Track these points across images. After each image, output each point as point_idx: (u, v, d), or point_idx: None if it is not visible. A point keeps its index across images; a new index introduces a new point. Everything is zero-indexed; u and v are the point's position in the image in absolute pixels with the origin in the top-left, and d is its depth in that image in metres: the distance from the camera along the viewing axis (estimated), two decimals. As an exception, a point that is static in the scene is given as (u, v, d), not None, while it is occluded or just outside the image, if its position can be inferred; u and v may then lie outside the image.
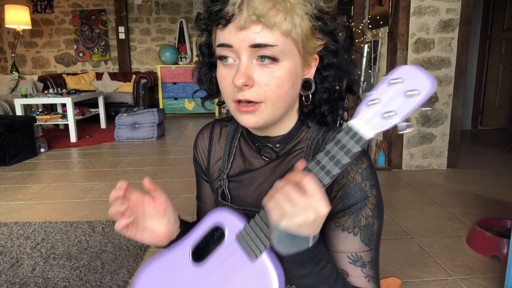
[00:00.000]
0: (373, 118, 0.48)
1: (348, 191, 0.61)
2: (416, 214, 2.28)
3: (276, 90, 0.59)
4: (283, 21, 0.56)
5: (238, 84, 0.57)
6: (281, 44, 0.57)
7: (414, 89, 0.46)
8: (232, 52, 0.59)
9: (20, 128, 3.61)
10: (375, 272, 0.63)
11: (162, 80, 6.37)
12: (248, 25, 0.55)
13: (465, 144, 4.15)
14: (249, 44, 0.56)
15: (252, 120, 0.61)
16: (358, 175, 0.61)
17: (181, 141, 4.51)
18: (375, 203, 0.63)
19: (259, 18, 0.54)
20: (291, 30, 0.57)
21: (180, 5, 6.76)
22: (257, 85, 0.58)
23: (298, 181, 0.48)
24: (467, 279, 1.61)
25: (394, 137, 3.16)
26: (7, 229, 2.09)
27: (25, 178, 3.09)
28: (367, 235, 0.62)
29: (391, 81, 0.47)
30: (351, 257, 0.62)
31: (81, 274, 1.64)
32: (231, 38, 0.57)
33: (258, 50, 0.57)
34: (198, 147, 0.84)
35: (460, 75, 3.10)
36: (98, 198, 2.58)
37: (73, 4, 6.64)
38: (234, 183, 0.75)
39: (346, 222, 0.62)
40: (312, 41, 0.61)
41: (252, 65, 0.58)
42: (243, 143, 0.75)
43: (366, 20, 3.70)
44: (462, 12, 3.01)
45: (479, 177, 2.99)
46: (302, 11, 0.58)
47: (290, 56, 0.58)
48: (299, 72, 0.62)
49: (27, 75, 6.57)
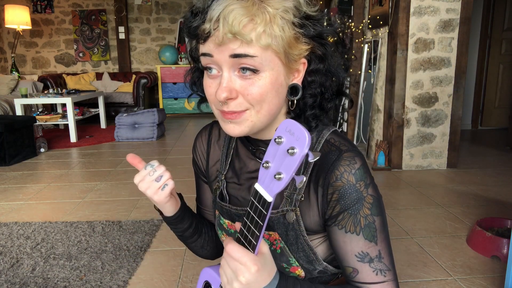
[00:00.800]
0: (269, 180, 0.50)
1: (343, 193, 0.62)
2: (416, 214, 2.28)
3: (259, 99, 0.59)
4: (262, 34, 0.55)
5: (220, 99, 0.58)
6: (260, 55, 0.56)
7: (293, 146, 0.46)
8: (214, 63, 0.59)
9: (20, 128, 3.61)
10: (385, 264, 0.64)
11: (162, 80, 6.37)
12: (225, 42, 0.56)
13: (465, 144, 4.15)
14: (228, 54, 0.56)
15: (236, 130, 0.61)
16: (352, 176, 0.62)
17: (181, 141, 4.51)
18: (372, 201, 0.63)
19: (235, 35, 0.54)
20: (270, 42, 0.56)
21: (180, 5, 6.76)
22: (241, 96, 0.59)
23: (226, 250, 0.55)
24: (467, 279, 1.61)
25: (394, 137, 3.16)
26: (7, 229, 2.09)
27: (25, 178, 3.09)
28: (370, 233, 0.63)
29: (275, 140, 0.48)
30: (358, 255, 0.63)
31: (81, 274, 1.64)
32: (211, 50, 0.58)
33: (238, 61, 0.57)
34: (197, 149, 0.84)
35: (460, 75, 3.10)
36: (98, 198, 2.59)
37: (73, 4, 6.64)
38: (232, 184, 0.76)
39: (347, 223, 0.63)
40: (297, 48, 0.60)
41: (234, 77, 0.58)
42: (240, 145, 0.76)
43: (366, 20, 3.70)
44: (462, 12, 3.01)
45: (479, 177, 2.99)
46: (282, 21, 0.56)
47: (271, 66, 0.58)
48: (283, 80, 0.61)
49: (27, 75, 6.57)
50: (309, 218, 0.66)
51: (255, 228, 0.53)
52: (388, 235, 0.66)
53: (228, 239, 0.56)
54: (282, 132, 0.48)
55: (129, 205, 2.45)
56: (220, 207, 0.76)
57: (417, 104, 3.13)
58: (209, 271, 0.75)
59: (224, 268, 0.56)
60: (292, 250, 0.68)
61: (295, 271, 0.69)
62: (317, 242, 0.69)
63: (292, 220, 0.65)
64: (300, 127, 0.46)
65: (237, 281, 0.54)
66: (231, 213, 0.73)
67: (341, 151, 0.63)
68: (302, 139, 0.46)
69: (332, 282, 0.75)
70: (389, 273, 0.64)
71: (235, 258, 0.54)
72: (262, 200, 0.51)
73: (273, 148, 0.49)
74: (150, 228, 2.07)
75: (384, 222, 0.65)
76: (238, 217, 0.72)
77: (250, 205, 0.53)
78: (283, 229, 0.67)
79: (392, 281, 0.65)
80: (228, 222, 0.75)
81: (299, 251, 0.67)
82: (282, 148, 0.48)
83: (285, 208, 0.66)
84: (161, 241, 1.95)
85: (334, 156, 0.63)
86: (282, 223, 0.66)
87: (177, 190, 0.78)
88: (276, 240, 0.68)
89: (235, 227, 0.74)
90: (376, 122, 3.53)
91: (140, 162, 0.71)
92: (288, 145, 0.47)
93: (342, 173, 0.62)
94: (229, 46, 0.56)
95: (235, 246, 0.54)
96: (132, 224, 2.12)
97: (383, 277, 0.64)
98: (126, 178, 3.04)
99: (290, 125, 0.47)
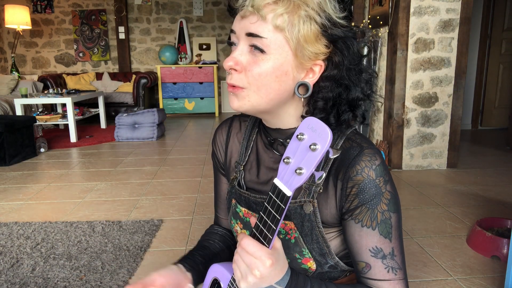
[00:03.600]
0: (289, 175, 0.51)
1: (363, 188, 0.63)
2: (416, 214, 2.28)
3: (257, 78, 0.62)
4: (279, 16, 0.58)
5: (225, 66, 0.63)
6: (271, 38, 0.60)
7: (315, 142, 0.48)
8: (235, 38, 0.64)
9: (20, 128, 3.61)
10: (397, 262, 0.65)
11: (162, 80, 6.37)
12: (247, 15, 0.61)
13: (465, 144, 4.15)
14: (245, 32, 0.62)
15: (235, 103, 0.65)
16: (373, 172, 0.63)
17: (181, 141, 4.51)
18: (390, 198, 0.64)
19: (256, 9, 0.59)
20: (285, 27, 0.59)
21: (180, 5, 6.76)
22: (244, 72, 0.63)
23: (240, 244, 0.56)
24: (467, 279, 1.61)
25: (394, 137, 3.16)
26: (7, 229, 2.09)
27: (25, 178, 3.09)
28: (386, 228, 0.64)
29: (297, 136, 0.50)
30: (372, 250, 0.64)
31: (81, 274, 1.64)
32: (236, 25, 0.64)
33: (251, 39, 0.61)
34: (216, 141, 0.87)
35: (460, 75, 3.10)
36: (98, 198, 2.59)
37: (73, 4, 6.64)
38: (250, 175, 0.77)
39: (364, 218, 0.64)
40: (314, 46, 0.61)
41: (245, 52, 0.63)
42: (259, 138, 0.78)
43: (366, 20, 3.70)
44: (462, 12, 3.01)
45: (479, 177, 2.99)
46: (305, 13, 0.59)
47: (279, 51, 0.61)
48: (289, 71, 0.62)
49: (27, 75, 6.57)
50: (326, 210, 0.67)
51: (272, 222, 0.54)
52: (402, 235, 0.67)
53: (242, 234, 0.57)
54: (304, 129, 0.49)
55: (129, 205, 2.45)
56: (239, 195, 0.77)
57: (417, 104, 3.13)
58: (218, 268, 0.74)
59: (238, 262, 0.57)
60: (306, 241, 0.68)
61: (307, 262, 0.70)
62: (331, 236, 0.70)
63: (309, 211, 0.66)
64: (322, 124, 0.48)
65: (251, 275, 0.55)
66: (249, 200, 0.75)
67: (362, 147, 0.65)
68: (324, 136, 0.47)
69: (340, 279, 0.76)
70: (400, 272, 0.65)
71: (250, 252, 0.54)
72: (281, 194, 0.52)
73: (294, 144, 0.50)
74: (150, 228, 2.07)
75: (400, 220, 0.66)
76: (256, 205, 0.74)
77: (268, 200, 0.54)
78: (299, 219, 0.68)
79: (402, 280, 0.65)
80: (245, 210, 0.76)
81: (313, 242, 0.68)
82: (304, 144, 0.49)
83: (303, 199, 0.67)
84: (161, 241, 1.95)
85: (356, 152, 0.64)
86: (299, 214, 0.68)
87: (177, 190, 0.80)
88: (292, 230, 0.69)
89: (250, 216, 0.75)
90: (376, 122, 3.53)
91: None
92: (310, 141, 0.49)
93: (363, 168, 0.63)
94: (248, 20, 0.61)
95: (250, 240, 0.55)
96: (132, 224, 2.12)
97: (393, 275, 0.64)
98: (126, 178, 3.04)
99: (313, 123, 0.49)
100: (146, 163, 3.51)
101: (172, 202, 2.46)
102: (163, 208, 2.38)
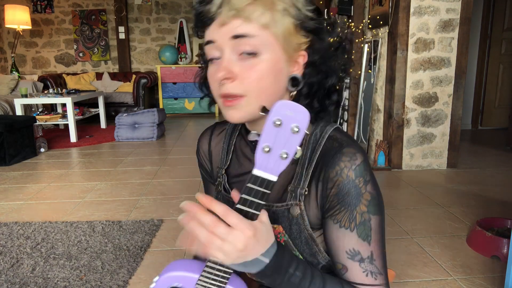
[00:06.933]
0: (272, 162, 0.50)
1: (342, 188, 0.62)
2: (416, 214, 2.28)
3: (257, 83, 0.60)
4: (261, 15, 0.58)
5: (218, 77, 0.60)
6: (260, 35, 0.59)
7: (296, 124, 0.48)
8: (216, 49, 0.61)
9: (20, 128, 3.61)
10: (376, 267, 0.63)
11: (162, 80, 6.37)
12: (228, 21, 0.58)
13: (465, 144, 4.15)
14: (229, 36, 0.59)
15: (236, 115, 0.62)
16: (352, 172, 0.62)
17: (181, 141, 4.51)
18: (370, 199, 0.63)
19: (238, 12, 0.57)
20: (269, 23, 0.58)
21: (180, 5, 6.76)
22: (239, 79, 0.60)
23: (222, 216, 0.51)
24: (467, 279, 1.61)
25: (394, 137, 3.16)
26: (7, 229, 2.09)
27: (25, 178, 3.09)
28: (364, 231, 0.63)
29: (274, 123, 0.49)
30: (349, 252, 0.63)
31: (81, 274, 1.64)
32: (214, 34, 0.60)
33: (238, 42, 0.59)
34: (200, 151, 0.86)
35: (460, 75, 3.10)
36: (98, 198, 2.59)
37: (73, 4, 6.64)
38: (234, 178, 0.77)
39: (342, 218, 0.63)
40: (296, 37, 0.62)
41: (234, 60, 0.60)
42: (241, 141, 0.77)
43: (366, 20, 3.70)
44: (462, 12, 3.01)
45: (479, 177, 2.99)
46: (281, 7, 0.59)
47: (271, 49, 0.60)
48: (283, 67, 0.62)
49: (27, 75, 6.57)
50: (310, 212, 0.67)
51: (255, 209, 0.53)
52: (384, 238, 0.65)
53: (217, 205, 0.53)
54: (278, 114, 0.48)
55: (129, 205, 2.45)
56: (227, 200, 0.76)
57: (417, 104, 3.13)
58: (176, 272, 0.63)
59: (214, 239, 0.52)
60: (295, 243, 0.68)
61: None
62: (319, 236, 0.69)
63: (297, 214, 0.66)
64: (296, 105, 0.48)
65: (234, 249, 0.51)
66: None
67: (342, 146, 0.64)
68: (302, 116, 0.48)
69: None
70: (380, 277, 0.63)
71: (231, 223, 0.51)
72: (265, 182, 0.51)
73: (271, 130, 0.49)
74: (150, 228, 2.07)
75: (381, 223, 0.64)
76: None
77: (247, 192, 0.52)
78: (287, 223, 0.67)
79: (383, 285, 0.64)
80: None
81: (302, 244, 0.68)
82: (283, 128, 0.49)
83: (290, 202, 0.66)
84: (161, 241, 1.95)
85: (336, 152, 0.64)
86: (287, 217, 0.67)
87: (177, 190, 0.80)
88: (280, 234, 0.69)
89: None
90: (376, 122, 3.53)
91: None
92: (289, 124, 0.48)
93: (342, 168, 0.62)
94: (230, 25, 0.58)
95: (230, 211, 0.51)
96: (132, 224, 2.12)
97: (373, 280, 0.63)
98: (126, 178, 3.04)
99: (287, 106, 0.48)
100: (146, 163, 3.51)
101: (172, 202, 2.46)
102: (163, 208, 2.38)
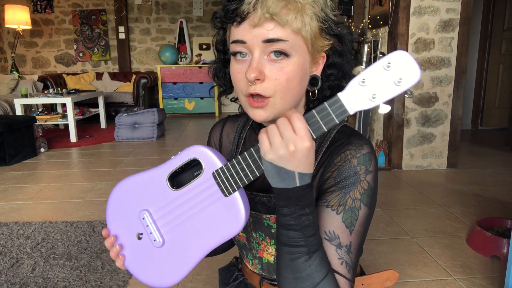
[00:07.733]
0: (360, 96, 0.50)
1: (342, 171, 0.63)
2: (416, 214, 2.28)
3: (285, 85, 0.61)
4: (294, 19, 0.59)
5: (250, 78, 0.60)
6: (291, 40, 0.60)
7: (402, 78, 0.47)
8: (245, 48, 0.62)
9: (20, 128, 3.61)
10: (351, 260, 0.61)
11: (162, 80, 6.37)
12: (261, 23, 0.59)
13: (465, 144, 4.15)
14: (262, 39, 0.59)
15: (263, 115, 0.63)
16: (355, 159, 0.63)
17: (181, 141, 4.51)
18: (366, 189, 0.63)
19: (272, 16, 0.58)
20: (301, 28, 0.60)
21: (180, 5, 6.76)
22: (268, 80, 0.61)
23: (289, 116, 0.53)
24: (467, 279, 1.61)
25: (394, 137, 3.16)
26: (7, 229, 2.09)
27: (25, 178, 3.09)
28: (350, 218, 0.62)
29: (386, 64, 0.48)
30: (328, 233, 0.61)
31: (81, 274, 1.64)
32: (245, 34, 0.61)
33: (270, 46, 0.60)
34: (210, 141, 0.87)
35: (460, 75, 3.10)
36: (98, 198, 2.58)
37: (73, 4, 6.64)
38: None
39: (332, 200, 0.63)
40: (320, 40, 0.64)
41: (264, 61, 0.61)
42: (252, 135, 0.79)
43: (366, 20, 3.70)
44: (462, 12, 3.01)
45: (479, 177, 2.99)
46: (311, 12, 0.61)
47: (300, 52, 0.61)
48: (308, 68, 0.64)
49: (27, 75, 6.57)
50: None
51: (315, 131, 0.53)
52: (365, 235, 0.65)
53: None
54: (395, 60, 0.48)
55: (129, 205, 2.45)
56: None
57: (417, 104, 3.13)
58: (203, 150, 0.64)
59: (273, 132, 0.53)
60: None
61: None
62: None
63: None
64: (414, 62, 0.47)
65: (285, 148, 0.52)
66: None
67: (351, 138, 0.66)
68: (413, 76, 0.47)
69: None
70: (352, 272, 0.62)
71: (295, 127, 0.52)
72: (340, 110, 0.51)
73: (377, 69, 0.49)
74: (150, 228, 2.07)
75: (368, 217, 0.64)
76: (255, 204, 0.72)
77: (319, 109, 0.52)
78: None
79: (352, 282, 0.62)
80: None
81: None
82: (389, 74, 0.48)
83: None
84: (161, 241, 1.95)
85: (344, 142, 0.65)
86: None
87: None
88: None
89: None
90: (376, 122, 3.53)
91: None
92: (397, 75, 0.48)
93: (347, 155, 0.64)
94: (263, 28, 0.59)
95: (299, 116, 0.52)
96: (132, 224, 2.12)
97: (347, 272, 0.61)
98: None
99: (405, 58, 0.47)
100: (146, 163, 3.51)
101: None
102: (163, 208, 2.37)
